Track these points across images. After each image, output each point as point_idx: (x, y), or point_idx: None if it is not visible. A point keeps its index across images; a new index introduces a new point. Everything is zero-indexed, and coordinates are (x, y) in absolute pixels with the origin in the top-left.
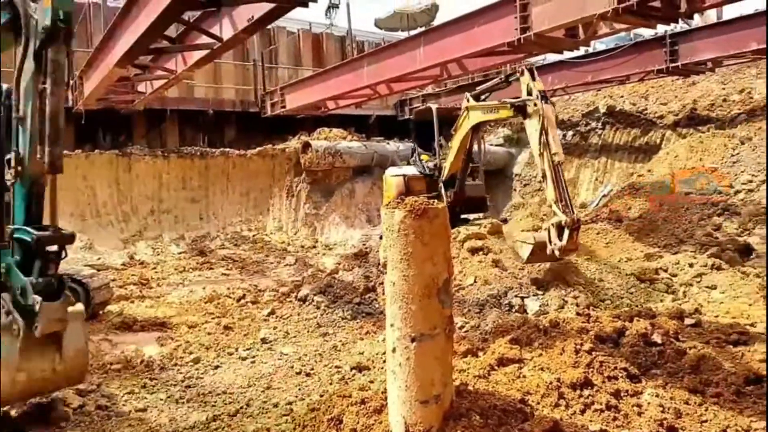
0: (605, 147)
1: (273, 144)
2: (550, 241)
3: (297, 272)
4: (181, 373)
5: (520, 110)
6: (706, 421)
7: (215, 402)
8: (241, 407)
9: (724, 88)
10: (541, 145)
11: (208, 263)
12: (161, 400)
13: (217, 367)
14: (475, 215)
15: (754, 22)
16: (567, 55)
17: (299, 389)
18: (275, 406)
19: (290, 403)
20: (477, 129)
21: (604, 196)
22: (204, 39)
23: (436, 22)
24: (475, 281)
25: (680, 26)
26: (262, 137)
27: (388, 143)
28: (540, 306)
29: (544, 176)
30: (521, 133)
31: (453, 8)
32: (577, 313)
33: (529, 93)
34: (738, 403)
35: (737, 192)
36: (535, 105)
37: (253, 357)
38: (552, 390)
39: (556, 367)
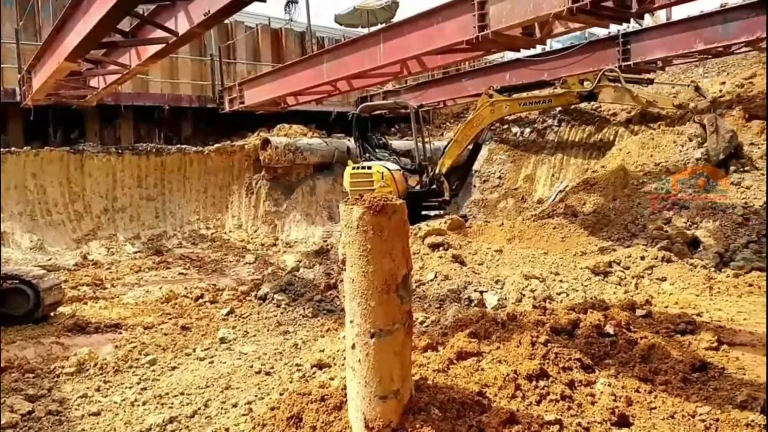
0: (561, 144)
1: (231, 141)
2: None
3: (257, 270)
4: (136, 375)
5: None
6: (655, 408)
7: (172, 403)
8: (199, 408)
9: (673, 87)
10: None
11: (165, 263)
12: (116, 403)
13: (174, 368)
14: (436, 212)
15: (700, 23)
16: (524, 53)
17: (259, 388)
18: (234, 406)
19: (249, 403)
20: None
21: (560, 191)
22: (159, 33)
23: (396, 19)
24: (435, 276)
25: (632, 26)
26: (221, 134)
27: (349, 140)
28: (498, 300)
29: None
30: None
31: (413, 5)
32: (534, 306)
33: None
34: (685, 390)
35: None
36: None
37: (212, 357)
38: (509, 382)
39: (513, 359)
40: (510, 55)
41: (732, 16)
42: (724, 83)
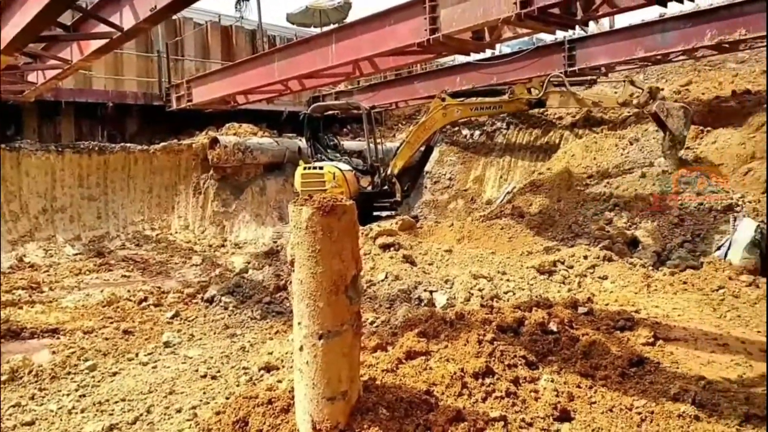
0: (509, 146)
1: (179, 139)
2: None
3: (204, 272)
4: (75, 381)
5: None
6: (595, 402)
7: (113, 410)
8: (141, 414)
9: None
10: None
11: (107, 265)
12: (52, 411)
13: (115, 373)
14: (387, 212)
15: (641, 32)
16: (474, 57)
17: (204, 393)
18: (178, 411)
19: (194, 408)
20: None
21: (508, 192)
22: (103, 27)
23: (348, 20)
24: (386, 277)
25: (578, 33)
26: (167, 132)
27: (300, 139)
28: (448, 299)
29: None
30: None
31: (366, 6)
32: (482, 305)
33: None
34: (623, 384)
35: (626, 189)
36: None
37: (155, 362)
38: (456, 380)
39: (461, 357)
40: (460, 59)
41: (670, 26)
42: (662, 89)
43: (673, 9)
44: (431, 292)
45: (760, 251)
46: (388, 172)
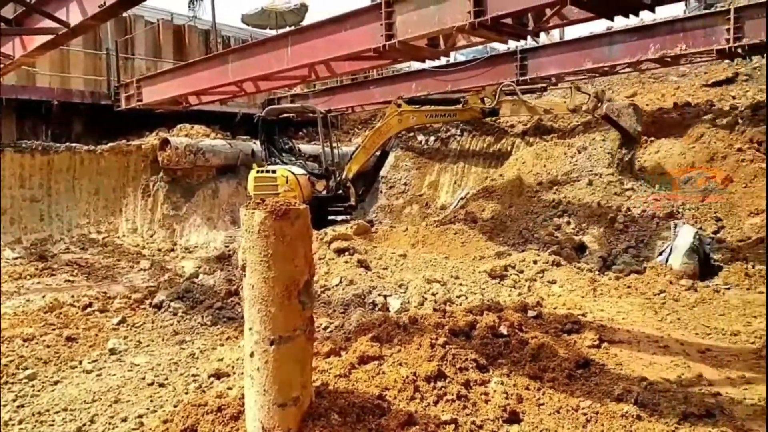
0: (463, 153)
1: (128, 140)
2: None
3: (152, 277)
4: (12, 391)
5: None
6: (543, 404)
7: (53, 420)
8: (84, 424)
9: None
10: None
11: (50, 269)
12: None
13: (57, 382)
14: (342, 217)
15: (589, 44)
16: (429, 64)
17: (151, 401)
18: (124, 420)
19: (141, 416)
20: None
21: (461, 198)
22: (48, 23)
23: (305, 23)
24: (340, 281)
25: (529, 43)
26: (116, 132)
27: (254, 142)
28: (402, 303)
29: None
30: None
31: (322, 10)
32: (435, 309)
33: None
34: (569, 386)
35: (574, 196)
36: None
37: (100, 369)
38: (408, 384)
39: (413, 361)
40: (416, 65)
41: (617, 39)
42: (610, 100)
43: (619, 23)
44: (385, 296)
45: (698, 257)
46: (343, 176)
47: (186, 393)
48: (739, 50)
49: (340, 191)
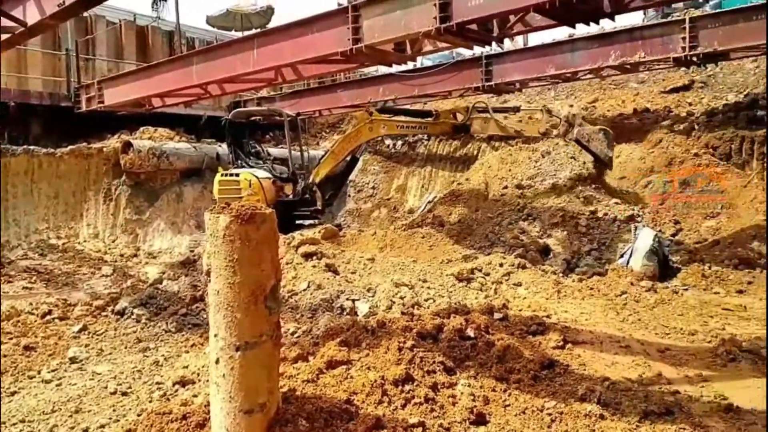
0: (431, 157)
1: (89, 142)
2: None
3: (114, 284)
4: None
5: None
6: (509, 405)
7: None
8: None
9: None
10: None
11: (7, 276)
12: None
13: (14, 393)
14: (310, 221)
15: (552, 51)
16: (396, 68)
17: (114, 410)
18: (85, 431)
19: (103, 426)
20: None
21: (429, 202)
22: (4, 21)
23: (271, 25)
24: (308, 286)
25: (494, 49)
26: (76, 135)
27: (220, 145)
28: (370, 308)
29: None
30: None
31: (289, 13)
32: (403, 313)
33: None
34: (535, 387)
35: (539, 200)
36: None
37: (60, 379)
38: (376, 388)
39: (382, 365)
40: (384, 69)
41: (578, 46)
42: (572, 105)
43: (581, 30)
44: (353, 300)
45: (657, 259)
46: (310, 180)
47: (150, 401)
48: (695, 59)
49: (307, 195)
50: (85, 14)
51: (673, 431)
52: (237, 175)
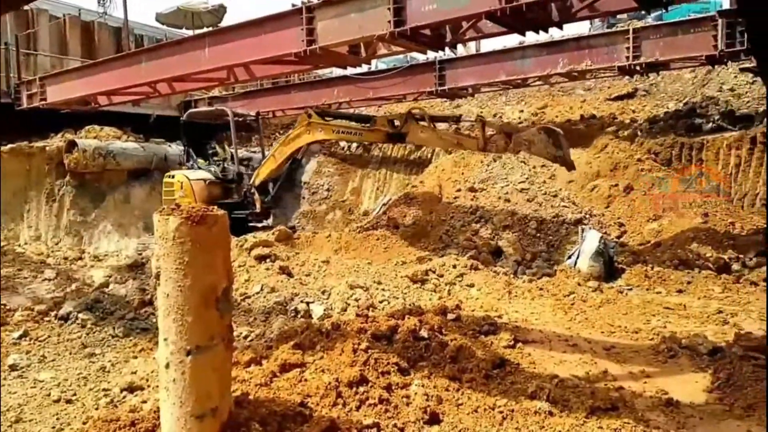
0: (385, 159)
1: (30, 141)
2: None
3: (58, 287)
4: None
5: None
6: (462, 404)
7: None
8: None
9: (481, 111)
10: None
11: None
12: None
13: None
14: (264, 223)
15: (503, 57)
16: (351, 70)
17: (57, 419)
18: None
19: None
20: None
21: (384, 204)
22: None
23: (223, 24)
24: (261, 289)
25: (448, 54)
26: (16, 133)
27: (170, 145)
28: (324, 310)
29: None
30: (310, 144)
31: (243, 12)
32: (357, 315)
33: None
34: (487, 385)
35: (490, 202)
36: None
37: None
38: (330, 390)
39: (336, 367)
40: (338, 71)
41: (528, 53)
42: (522, 111)
43: (531, 38)
44: (308, 303)
45: (603, 260)
46: (249, 182)
47: (96, 408)
48: (638, 68)
49: (247, 198)
50: (26, 7)
51: (617, 425)
52: (173, 176)
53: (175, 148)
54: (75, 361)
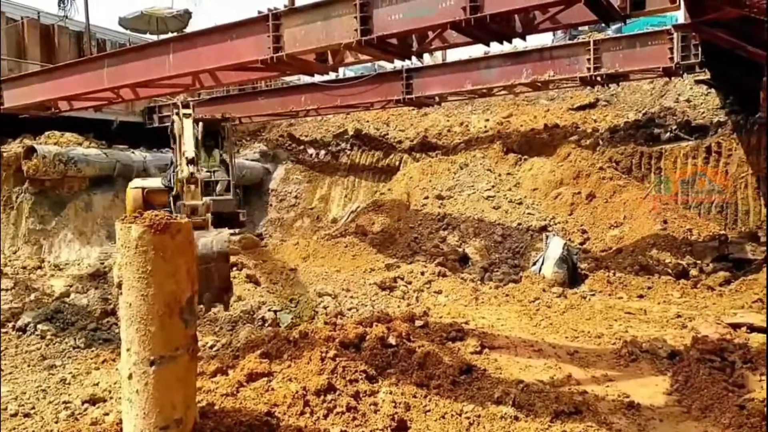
0: (354, 167)
1: None
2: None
3: (16, 298)
4: None
5: None
6: (429, 410)
7: None
8: None
9: (448, 120)
10: None
11: None
12: None
13: None
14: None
15: (469, 66)
16: (319, 78)
17: None
18: None
19: None
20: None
21: (352, 212)
22: None
23: (188, 30)
24: None
25: (415, 63)
26: None
27: (133, 152)
28: (292, 318)
29: None
30: (277, 149)
31: (209, 18)
32: (326, 323)
33: None
34: (454, 391)
35: (457, 210)
36: None
37: None
38: (298, 399)
39: (304, 376)
40: (306, 79)
41: (494, 63)
42: (488, 120)
43: (495, 48)
44: (275, 311)
45: (567, 266)
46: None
47: (56, 422)
48: (599, 78)
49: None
50: None
51: (581, 429)
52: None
53: (139, 155)
54: (34, 373)
